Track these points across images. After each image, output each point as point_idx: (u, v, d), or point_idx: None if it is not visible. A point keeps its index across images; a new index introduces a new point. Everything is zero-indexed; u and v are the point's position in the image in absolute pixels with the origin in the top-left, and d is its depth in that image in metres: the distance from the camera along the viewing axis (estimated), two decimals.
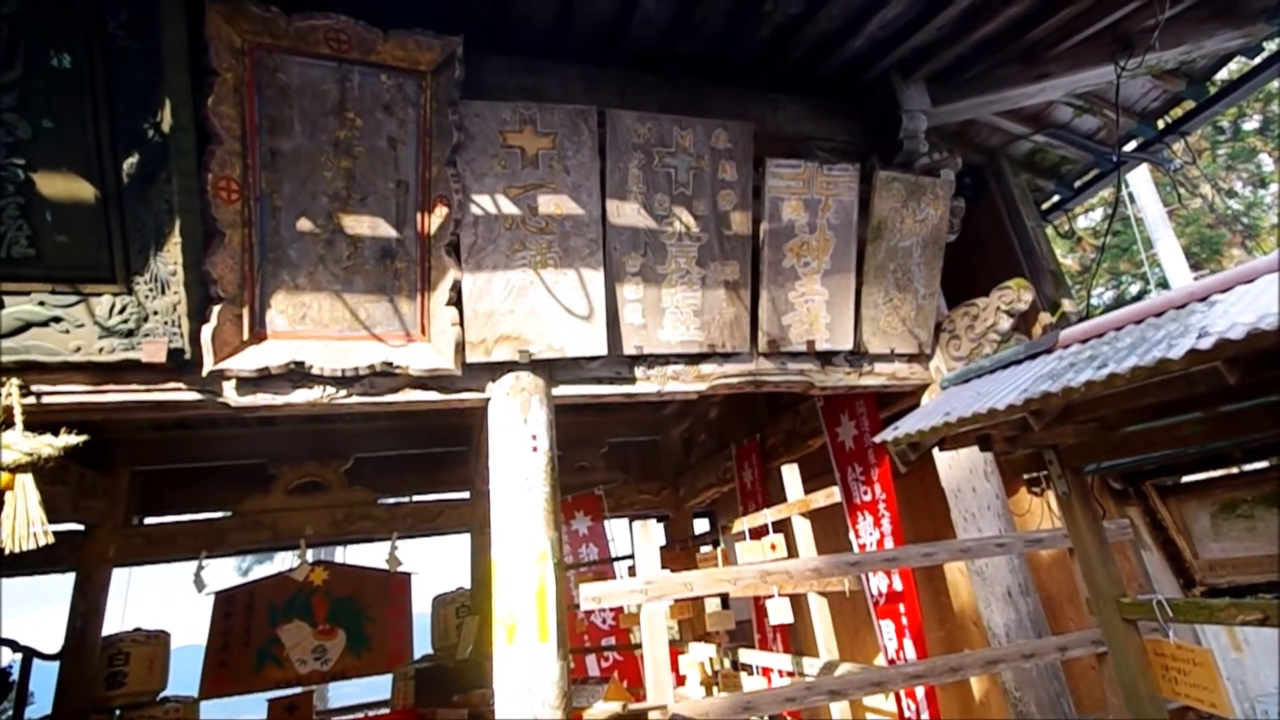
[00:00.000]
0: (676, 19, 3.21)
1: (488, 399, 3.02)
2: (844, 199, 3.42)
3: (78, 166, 2.42)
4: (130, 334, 2.52)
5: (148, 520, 5.67)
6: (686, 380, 3.30)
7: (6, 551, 2.40)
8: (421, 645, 6.06)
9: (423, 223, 2.85)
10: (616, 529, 7.22)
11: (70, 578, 5.03)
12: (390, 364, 2.80)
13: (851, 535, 4.18)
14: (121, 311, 2.52)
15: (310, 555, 5.67)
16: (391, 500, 6.05)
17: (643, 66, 3.45)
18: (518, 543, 2.85)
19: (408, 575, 5.88)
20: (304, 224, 2.72)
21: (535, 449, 2.95)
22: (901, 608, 3.81)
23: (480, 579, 5.86)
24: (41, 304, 2.46)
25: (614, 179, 3.08)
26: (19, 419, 2.42)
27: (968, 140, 4.69)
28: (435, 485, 6.34)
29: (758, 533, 3.99)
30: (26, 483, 2.41)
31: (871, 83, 3.76)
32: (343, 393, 2.81)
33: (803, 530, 3.53)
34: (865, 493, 4.03)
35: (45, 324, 2.46)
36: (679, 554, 6.07)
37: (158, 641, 5.24)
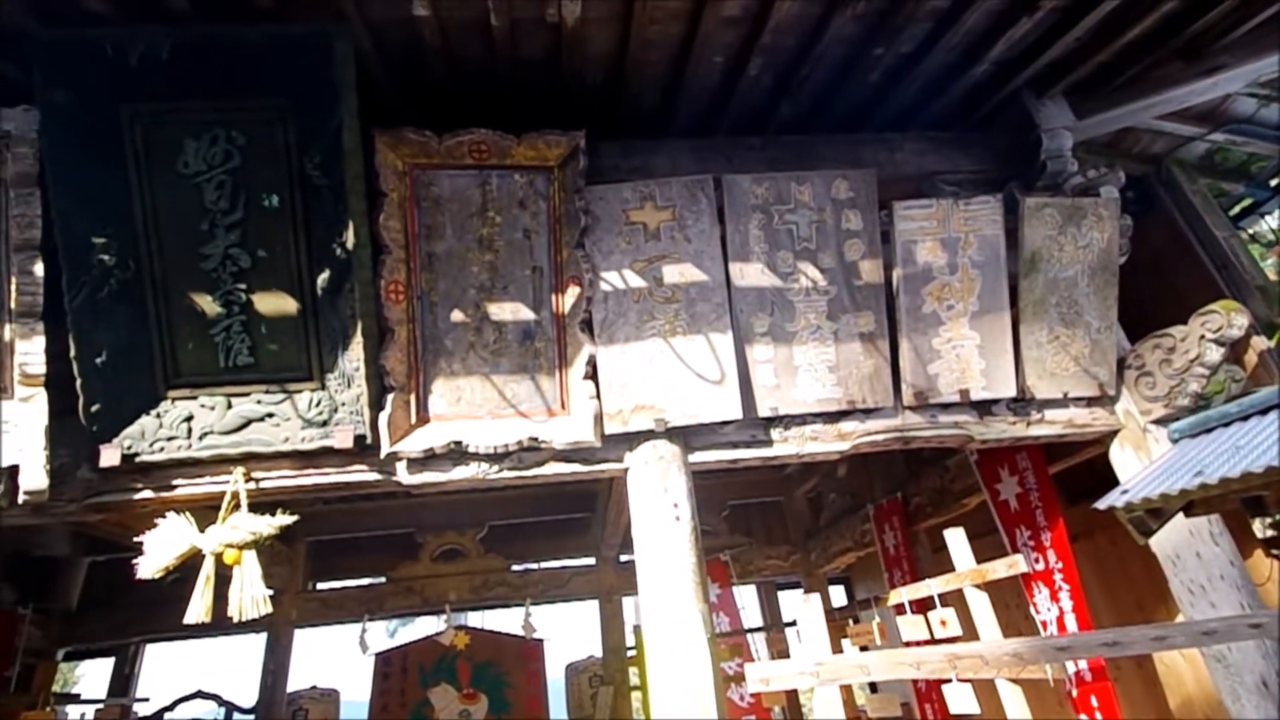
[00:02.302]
0: (780, 80, 3.25)
1: (626, 469, 3.08)
2: (987, 233, 3.17)
3: (284, 285, 2.89)
4: (324, 424, 2.91)
5: (319, 586, 6.34)
6: (827, 440, 3.15)
7: (234, 620, 2.82)
8: (556, 712, 6.11)
9: (557, 303, 3.05)
10: (742, 597, 6.91)
11: (259, 638, 5.77)
12: (535, 439, 2.96)
13: (1031, 609, 3.66)
14: (318, 405, 2.92)
15: (453, 620, 6.00)
16: (523, 566, 6.33)
17: (746, 130, 3.51)
18: (668, 616, 2.81)
19: (540, 642, 6.02)
20: (457, 315, 3.02)
21: (678, 518, 2.95)
22: (1094, 700, 3.23)
23: (611, 647, 5.88)
24: (259, 402, 2.92)
25: (735, 242, 3.11)
26: (244, 502, 2.86)
27: (1123, 151, 4.19)
28: (561, 551, 6.57)
29: (919, 605, 3.62)
30: (250, 559, 2.82)
31: (1000, 106, 3.51)
32: (495, 468, 3.01)
33: (980, 604, 3.14)
34: (1036, 560, 3.54)
35: (261, 419, 2.92)
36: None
37: (330, 700, 5.81)
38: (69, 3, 2.53)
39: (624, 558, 6.36)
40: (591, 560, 6.41)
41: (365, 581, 6.24)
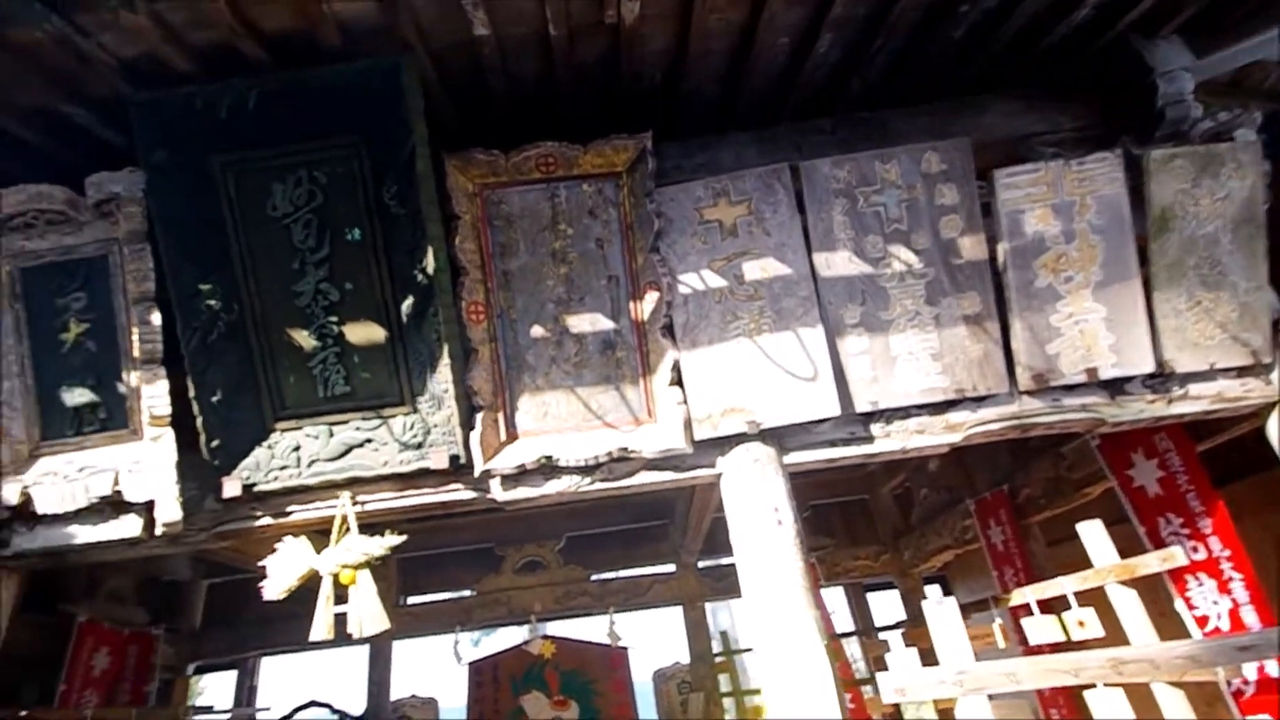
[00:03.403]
0: (851, 55, 3.02)
1: (720, 474, 2.98)
2: (1107, 194, 2.83)
3: (371, 315, 2.97)
4: (419, 446, 2.98)
5: (409, 600, 6.57)
6: (934, 432, 2.93)
7: (354, 635, 2.94)
8: (646, 718, 6.09)
9: (636, 311, 2.98)
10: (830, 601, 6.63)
11: (362, 651, 6.08)
12: (625, 449, 2.91)
13: (1180, 604, 3.27)
14: (411, 428, 2.99)
15: (537, 630, 6.10)
16: (603, 576, 6.35)
17: (814, 113, 3.29)
18: (779, 623, 2.70)
19: (625, 649, 6.00)
20: (536, 330, 3.01)
21: (780, 522, 2.82)
22: None
23: (699, 654, 5.81)
24: (357, 429, 3.02)
25: (818, 231, 2.93)
26: (353, 525, 2.98)
27: (1251, 88, 3.64)
28: (639, 559, 6.55)
29: (1046, 605, 3.31)
30: (365, 578, 2.93)
31: (1103, 53, 3.13)
32: (587, 480, 2.98)
33: (1127, 603, 2.82)
34: (1195, 549, 3.14)
35: (361, 445, 3.02)
36: (923, 630, 5.31)
37: (429, 707, 6.03)
38: (159, 66, 2.67)
39: (704, 564, 6.27)
40: (671, 567, 6.36)
41: (453, 595, 6.45)
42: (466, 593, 6.37)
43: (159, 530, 2.98)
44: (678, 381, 2.95)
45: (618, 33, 2.76)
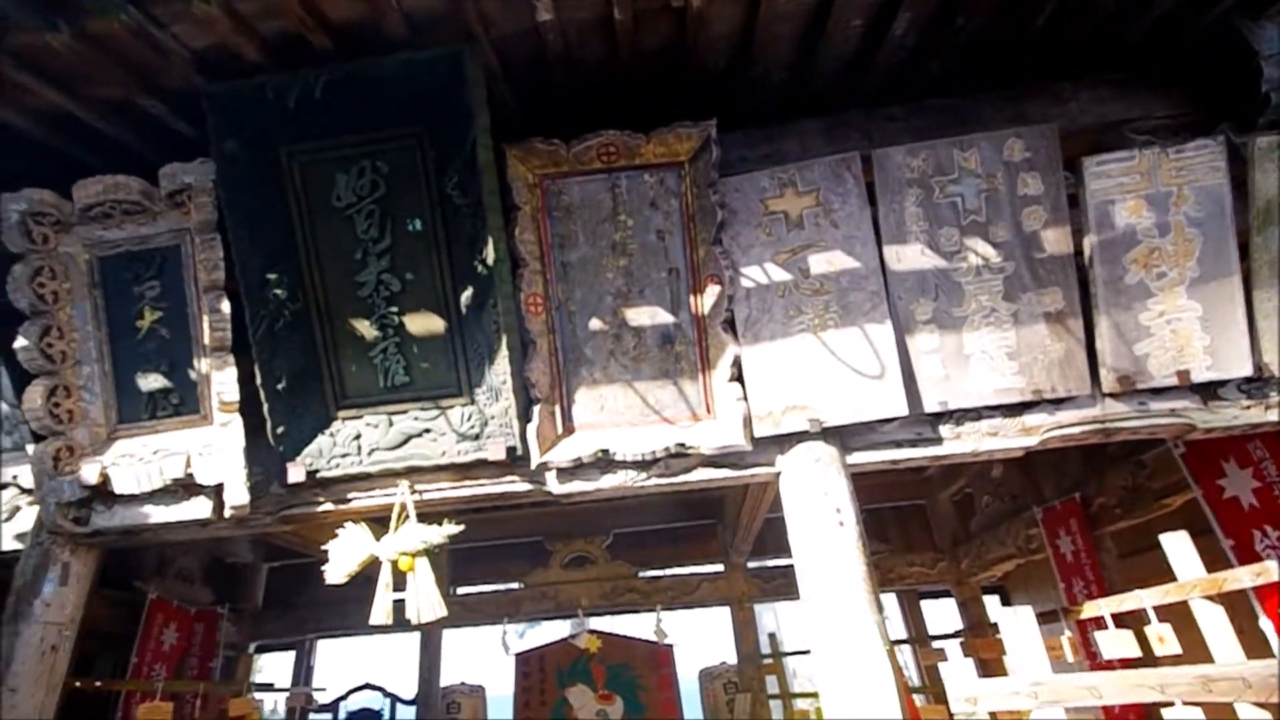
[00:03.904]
0: (928, 37, 2.86)
1: (779, 473, 2.91)
2: (1206, 184, 2.64)
3: (431, 306, 2.98)
4: (477, 437, 2.99)
5: (460, 590, 6.66)
6: (1009, 435, 2.79)
7: (412, 622, 2.98)
8: (691, 716, 6.06)
9: (696, 304, 2.92)
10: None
11: (413, 637, 6.22)
12: (683, 445, 2.86)
13: (1267, 622, 3.06)
14: (469, 419, 3.00)
15: (584, 624, 6.13)
16: (650, 573, 6.33)
17: (886, 99, 3.14)
18: (840, 627, 2.63)
19: (670, 647, 5.99)
20: (595, 323, 2.98)
21: (842, 523, 2.74)
22: None
23: (746, 655, 5.76)
24: (416, 419, 3.05)
25: (889, 223, 2.81)
26: (412, 513, 3.01)
27: None
28: (687, 558, 6.52)
29: (1118, 619, 3.14)
30: (424, 565, 2.96)
31: (1201, 35, 2.90)
32: (643, 475, 2.95)
33: (1213, 619, 2.65)
34: None
35: (420, 435, 3.04)
36: (984, 640, 5.13)
37: (478, 695, 6.17)
38: (229, 56, 2.71)
39: (753, 564, 6.20)
40: (720, 567, 6.32)
41: (502, 587, 6.53)
42: (515, 585, 6.46)
43: (227, 513, 3.06)
44: (738, 377, 2.88)
45: (683, 16, 2.68)
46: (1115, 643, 3.00)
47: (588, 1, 2.61)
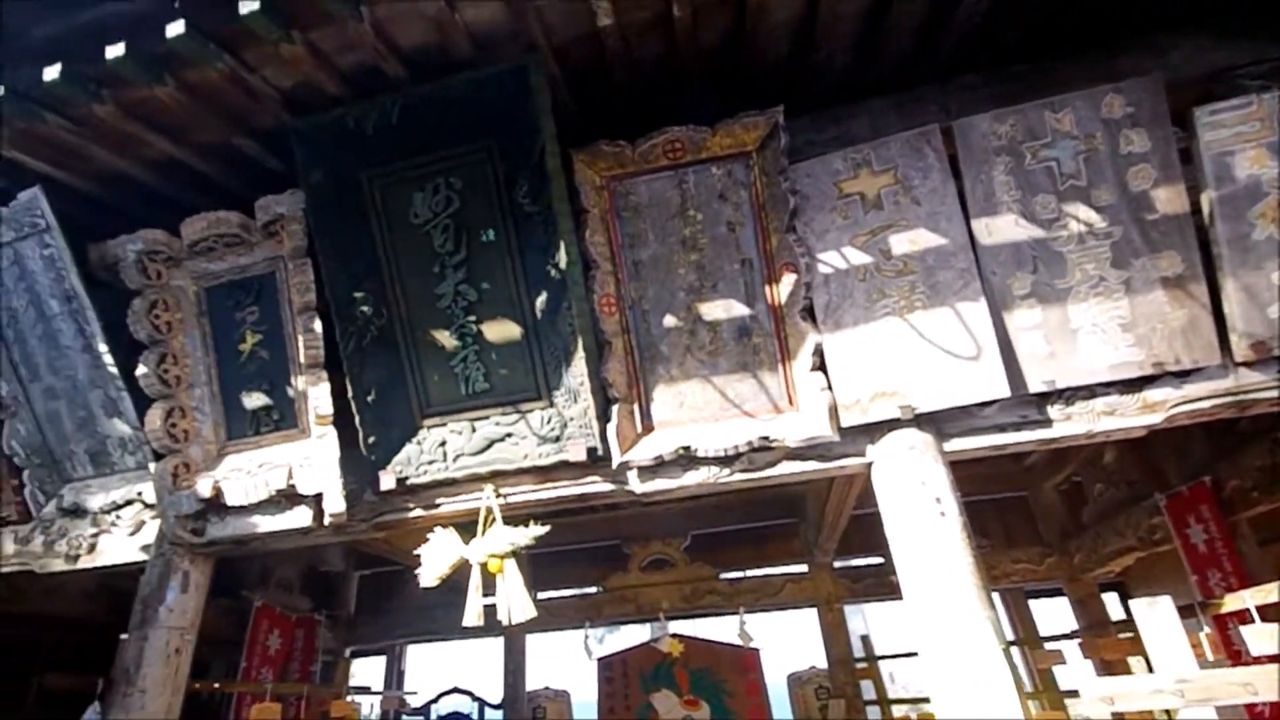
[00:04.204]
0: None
1: (869, 463, 2.78)
2: None
3: (507, 313, 3.04)
4: (557, 439, 3.01)
5: (540, 595, 6.62)
6: (1128, 413, 2.56)
7: (503, 623, 3.00)
8: None
9: (772, 294, 2.85)
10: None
11: (497, 643, 6.32)
12: (766, 438, 2.78)
13: None
14: (549, 422, 3.02)
15: (666, 628, 6.03)
16: (731, 575, 6.17)
17: (960, 69, 2.97)
18: (948, 625, 2.46)
19: (756, 651, 5.79)
20: (669, 320, 2.95)
21: (943, 514, 2.58)
22: None
23: (838, 658, 5.49)
24: (497, 424, 3.10)
25: (976, 195, 2.65)
26: (498, 516, 3.06)
27: None
28: (767, 559, 6.31)
29: (1264, 611, 2.80)
30: (512, 567, 3.00)
31: None
32: (726, 471, 2.88)
33: None
34: None
35: (502, 439, 3.09)
36: (1107, 640, 4.70)
37: (563, 700, 6.17)
38: (312, 91, 2.88)
39: (839, 564, 5.97)
40: (804, 567, 6.11)
41: (582, 591, 6.54)
42: (594, 589, 6.47)
43: (327, 520, 3.21)
44: (820, 366, 2.77)
45: (743, 7, 2.64)
46: (1264, 637, 2.67)
47: (646, 1, 2.62)
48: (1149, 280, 2.52)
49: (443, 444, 3.15)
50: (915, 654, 5.26)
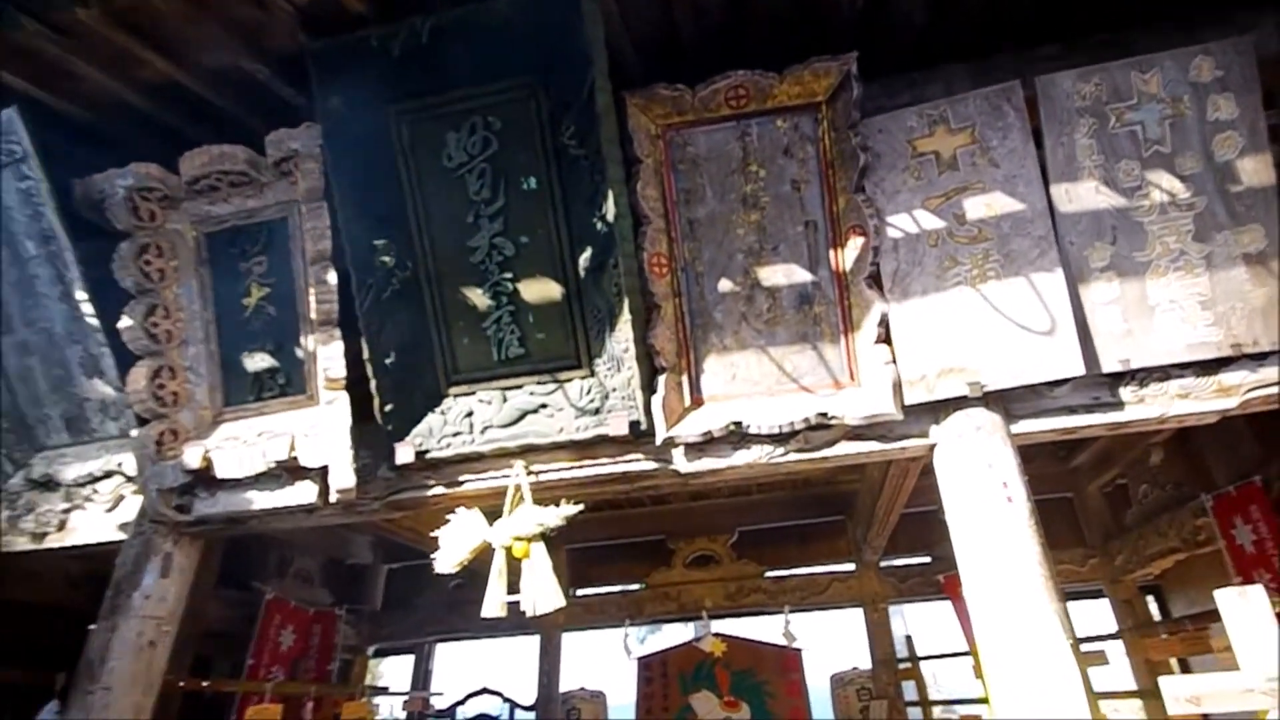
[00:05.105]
0: None
1: (933, 445, 2.63)
2: None
3: (547, 270, 2.80)
4: (597, 411, 2.78)
5: (579, 592, 6.37)
6: (1203, 396, 2.47)
7: (528, 614, 2.76)
8: None
9: (836, 259, 2.68)
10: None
11: (533, 641, 6.03)
12: (824, 415, 2.61)
13: None
14: (589, 393, 2.79)
15: (708, 627, 5.87)
16: (778, 573, 6.04)
17: (1039, 38, 2.84)
18: (1012, 619, 2.33)
19: (799, 651, 5.69)
20: (724, 284, 2.76)
21: (1010, 499, 2.45)
22: None
23: (881, 659, 5.41)
24: (531, 394, 2.86)
25: (1057, 158, 2.53)
26: (527, 495, 2.81)
27: None
28: (813, 557, 6.19)
29: None
30: (540, 551, 2.76)
31: None
32: (780, 450, 2.70)
33: None
34: None
35: (536, 411, 2.85)
36: (1153, 641, 4.71)
37: (598, 701, 5.94)
38: (334, 10, 2.58)
39: (885, 563, 5.89)
40: (851, 566, 6.01)
41: (623, 588, 6.31)
42: (636, 586, 6.24)
43: (333, 497, 2.91)
44: (885, 339, 2.62)
45: None
46: None
47: None
48: (1231, 256, 2.43)
49: (469, 414, 2.89)
50: (961, 654, 5.23)
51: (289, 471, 2.98)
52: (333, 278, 2.87)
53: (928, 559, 5.82)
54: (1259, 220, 2.42)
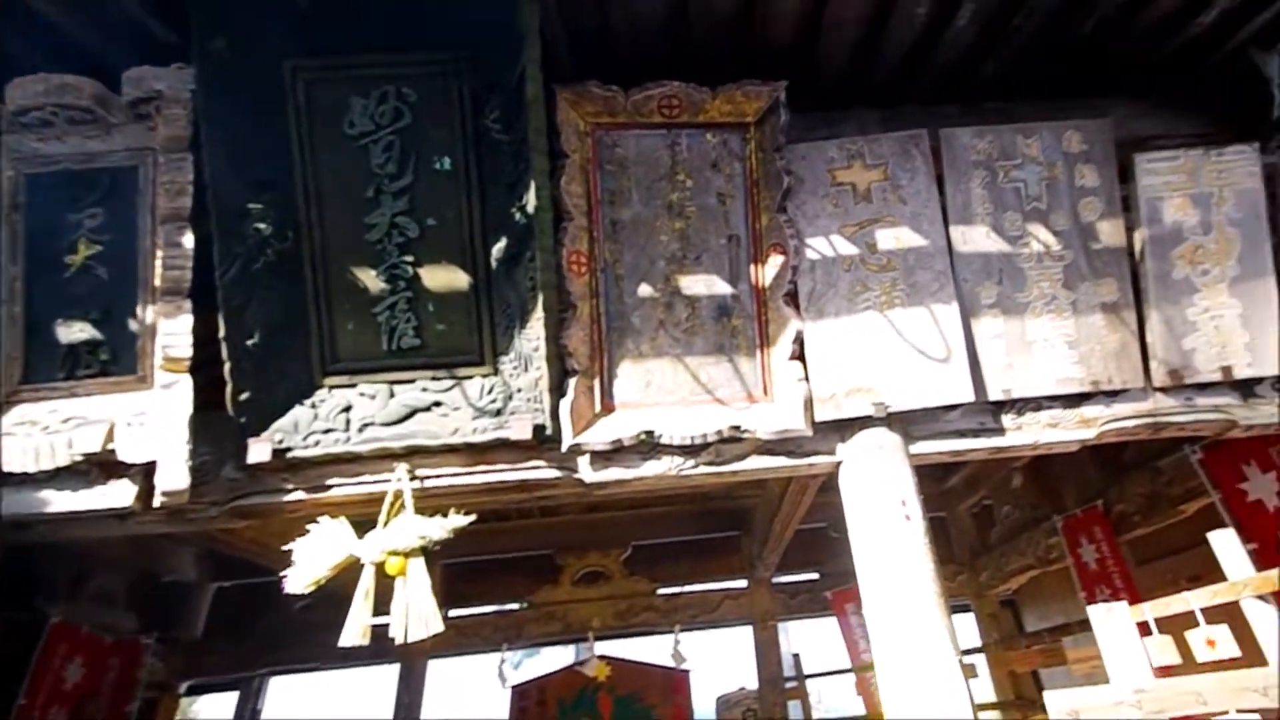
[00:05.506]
0: (987, 34, 2.90)
1: (839, 462, 2.66)
2: (1245, 187, 2.77)
3: (455, 257, 2.56)
4: (498, 413, 2.53)
5: (452, 613, 5.76)
6: (1068, 427, 2.71)
7: (397, 641, 2.39)
8: None
9: (756, 275, 2.69)
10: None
11: (391, 670, 5.29)
12: (738, 428, 2.56)
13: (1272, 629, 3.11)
14: (490, 392, 2.55)
15: (590, 649, 5.48)
16: (670, 590, 5.83)
17: (941, 98, 3.16)
18: (905, 634, 2.37)
19: (687, 673, 5.45)
20: (644, 289, 2.67)
21: (908, 517, 2.51)
22: None
23: (768, 678, 5.32)
24: (424, 390, 2.56)
25: (955, 203, 2.74)
26: (409, 503, 2.48)
27: None
28: (707, 573, 6.05)
29: (1173, 624, 3.09)
30: (418, 568, 2.42)
31: (1218, 65, 3.14)
32: (690, 463, 2.60)
33: (1265, 618, 2.64)
34: None
35: (428, 409, 2.55)
36: (1018, 653, 5.03)
37: None
38: None
39: (778, 579, 5.87)
40: (743, 583, 5.92)
41: (501, 607, 5.76)
42: (516, 605, 5.72)
43: (158, 500, 2.40)
44: (799, 356, 2.64)
45: None
46: (1162, 648, 2.90)
47: None
48: (1092, 304, 2.73)
49: (347, 409, 2.53)
50: (845, 671, 5.25)
51: (101, 467, 2.42)
52: (189, 241, 2.44)
53: (816, 576, 5.95)
54: (1113, 275, 2.76)
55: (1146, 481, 3.94)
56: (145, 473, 2.43)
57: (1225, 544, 2.78)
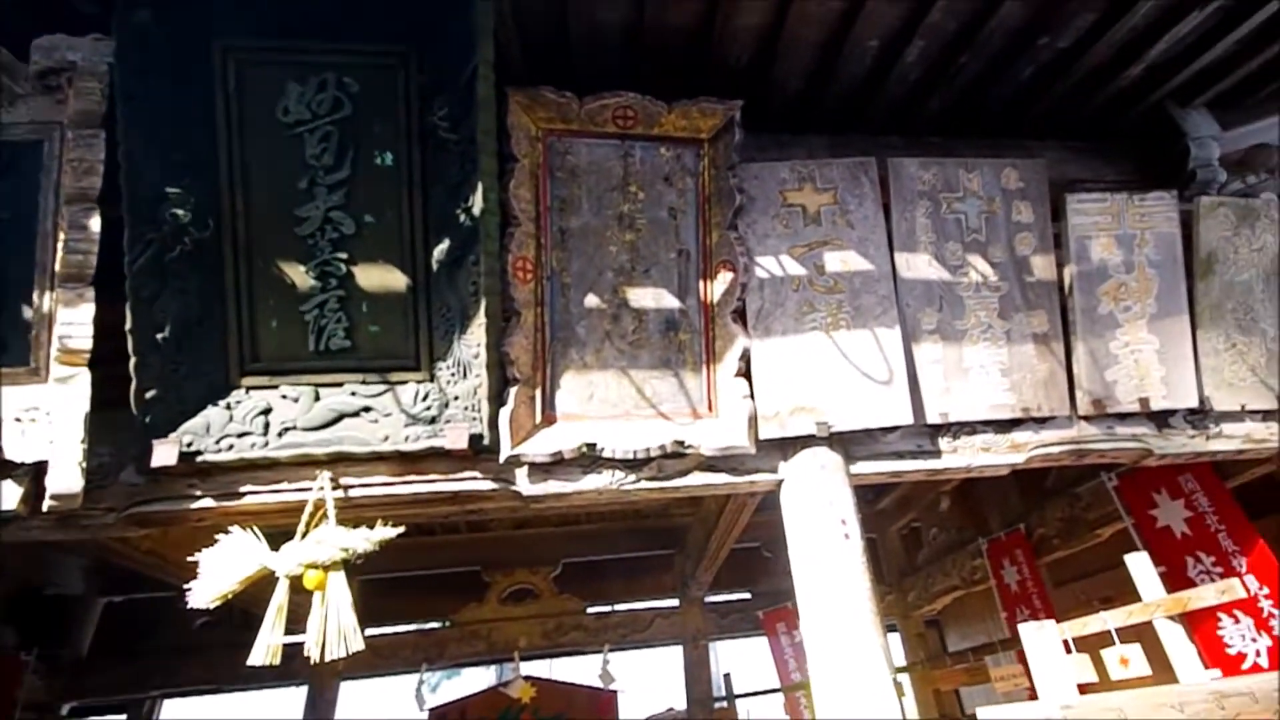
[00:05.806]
0: (933, 72, 3.01)
1: (780, 480, 2.65)
2: (1163, 230, 2.93)
3: (392, 257, 2.44)
4: (433, 421, 2.42)
5: (369, 631, 5.49)
6: (1000, 451, 2.79)
7: (314, 660, 2.23)
8: None
9: (705, 291, 2.67)
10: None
11: (299, 692, 4.95)
12: (681, 443, 2.52)
13: (1183, 648, 3.27)
14: (425, 399, 2.43)
15: (516, 669, 5.28)
16: (601, 609, 5.71)
17: (886, 129, 3.26)
18: (842, 651, 2.37)
19: (615, 693, 5.33)
20: (591, 300, 2.61)
21: (847, 536, 2.52)
22: None
23: (697, 698, 5.25)
24: (353, 394, 2.42)
25: (901, 230, 2.80)
26: (331, 513, 2.32)
27: (1255, 166, 4.10)
28: (638, 592, 5.95)
29: (1086, 642, 3.20)
30: (339, 582, 2.27)
31: (1141, 116, 3.35)
32: (631, 477, 2.54)
33: (1175, 638, 2.76)
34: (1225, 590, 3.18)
35: (356, 414, 2.41)
36: (943, 671, 5.11)
37: None
38: None
39: (711, 599, 5.82)
40: (675, 601, 5.83)
41: (421, 626, 5.49)
42: (437, 624, 5.45)
43: (47, 504, 2.17)
44: (745, 373, 2.63)
45: None
46: (1080, 666, 3.00)
47: None
48: (1024, 334, 2.83)
49: (266, 411, 2.36)
50: (774, 690, 5.22)
51: None
52: (95, 224, 2.24)
53: (749, 595, 5.94)
54: (1044, 308, 2.87)
55: (1066, 506, 4.12)
56: (34, 474, 2.21)
57: (1139, 566, 2.91)
